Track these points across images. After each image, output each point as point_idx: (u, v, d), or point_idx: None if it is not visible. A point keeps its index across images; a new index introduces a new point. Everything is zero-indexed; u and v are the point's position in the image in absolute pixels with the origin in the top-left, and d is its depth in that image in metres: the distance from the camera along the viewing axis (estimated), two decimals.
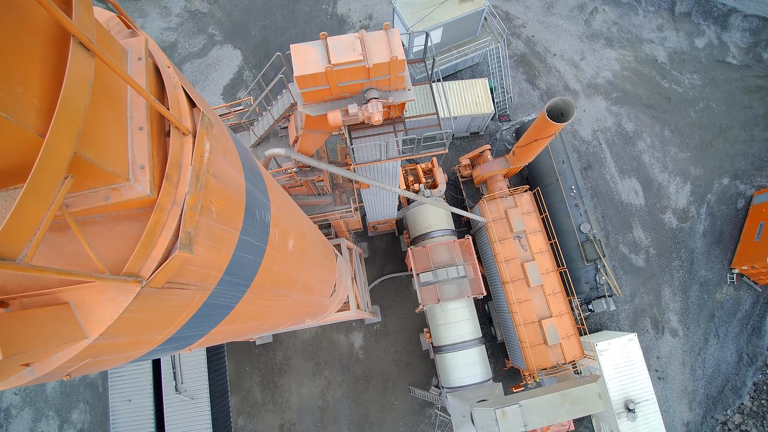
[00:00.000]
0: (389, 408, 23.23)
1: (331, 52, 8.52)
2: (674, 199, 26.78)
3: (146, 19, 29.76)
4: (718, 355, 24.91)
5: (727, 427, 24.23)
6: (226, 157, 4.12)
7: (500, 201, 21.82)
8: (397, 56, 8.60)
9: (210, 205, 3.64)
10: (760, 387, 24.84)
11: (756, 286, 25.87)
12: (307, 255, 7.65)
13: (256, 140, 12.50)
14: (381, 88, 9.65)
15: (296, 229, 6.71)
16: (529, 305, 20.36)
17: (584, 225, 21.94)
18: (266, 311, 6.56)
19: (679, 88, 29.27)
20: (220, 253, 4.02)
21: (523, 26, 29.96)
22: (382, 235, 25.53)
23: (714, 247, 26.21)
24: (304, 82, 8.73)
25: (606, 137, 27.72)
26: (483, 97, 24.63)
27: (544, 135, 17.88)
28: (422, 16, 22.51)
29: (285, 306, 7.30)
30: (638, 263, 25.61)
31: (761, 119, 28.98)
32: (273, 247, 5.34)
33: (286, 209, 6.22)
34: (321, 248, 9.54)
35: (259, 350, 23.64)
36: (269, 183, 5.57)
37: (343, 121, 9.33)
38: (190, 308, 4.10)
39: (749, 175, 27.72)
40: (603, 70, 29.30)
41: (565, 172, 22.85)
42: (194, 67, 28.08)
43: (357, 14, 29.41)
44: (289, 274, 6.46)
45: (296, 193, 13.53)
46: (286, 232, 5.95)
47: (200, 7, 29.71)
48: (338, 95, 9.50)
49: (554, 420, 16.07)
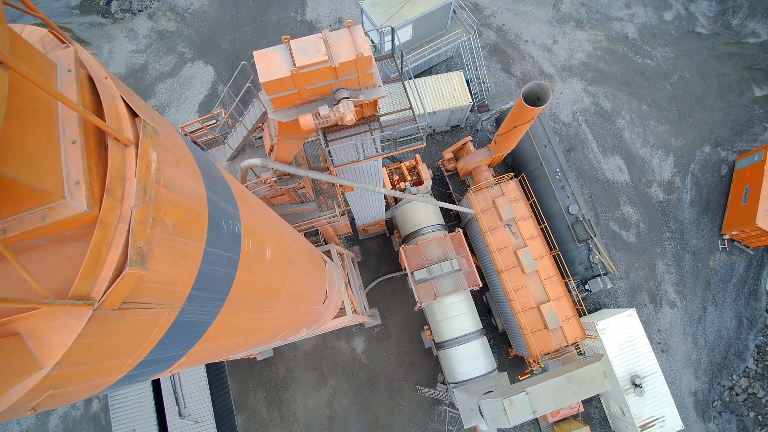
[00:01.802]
0: (398, 410, 23.03)
1: (295, 55, 8.37)
2: (658, 172, 26.95)
3: (114, 43, 29.42)
4: (718, 322, 25.04)
5: (735, 392, 24.34)
6: (181, 166, 3.94)
7: (487, 191, 21.78)
8: (363, 53, 8.47)
9: (164, 217, 3.46)
10: (762, 349, 25.00)
11: (748, 249, 26.08)
12: (291, 263, 7.47)
13: (232, 153, 12.30)
14: (351, 87, 9.51)
15: (274, 238, 6.53)
16: (526, 292, 20.31)
17: (572, 206, 21.97)
18: (252, 324, 6.37)
19: (652, 63, 29.52)
20: (184, 267, 3.84)
21: (493, 16, 30.04)
22: (374, 238, 25.37)
23: (702, 216, 26.39)
24: (271, 87, 8.57)
25: (585, 118, 27.84)
26: (460, 90, 24.63)
27: (523, 121, 17.85)
28: (390, 14, 22.45)
29: (272, 317, 7.11)
30: (630, 239, 25.71)
31: (736, 85, 29.30)
32: (247, 257, 5.16)
33: (260, 218, 6.04)
34: (306, 255, 9.35)
35: (260, 366, 23.33)
36: (238, 192, 5.40)
37: (316, 124, 9.18)
38: (159, 328, 3.91)
39: (730, 141, 27.98)
40: (576, 51, 29.46)
41: (548, 156, 22.87)
42: (167, 87, 27.76)
43: (326, 19, 29.30)
44: (271, 284, 6.28)
45: (279, 202, 13.34)
46: (261, 241, 5.78)
47: (167, 26, 29.41)
48: (308, 98, 9.34)
49: (562, 404, 15.98)
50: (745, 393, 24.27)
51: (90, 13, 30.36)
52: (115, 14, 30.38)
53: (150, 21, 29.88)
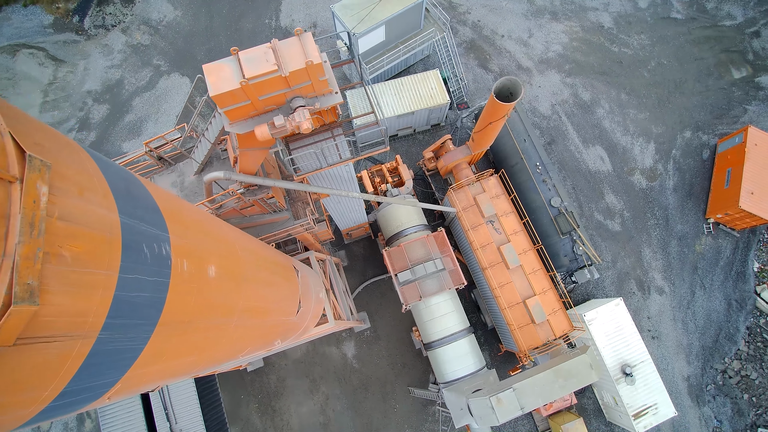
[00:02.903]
0: (391, 412, 22.95)
1: (244, 66, 8.28)
2: (640, 159, 27.00)
3: (89, 60, 29.22)
4: (708, 306, 25.10)
5: (728, 375, 24.41)
6: (87, 195, 3.85)
7: (468, 188, 21.74)
8: (312, 60, 8.39)
9: (61, 250, 3.37)
10: (753, 330, 25.06)
11: (733, 232, 26.16)
12: (246, 278, 7.37)
13: (198, 167, 12.19)
14: (307, 95, 9.43)
15: (222, 255, 6.44)
16: (511, 287, 20.28)
17: (554, 199, 21.95)
18: (202, 343, 6.27)
19: (629, 51, 29.58)
20: (92, 297, 3.75)
21: (468, 12, 30.03)
22: (359, 241, 25.29)
23: (686, 201, 26.46)
24: (223, 100, 8.47)
25: (565, 109, 27.86)
26: (437, 89, 24.59)
27: (497, 117, 17.82)
28: (362, 17, 22.37)
29: (228, 335, 7.01)
30: (615, 228, 25.74)
31: (714, 68, 29.40)
32: (181, 278, 5.07)
33: (201, 236, 5.95)
34: (269, 268, 9.26)
35: (251, 376, 23.20)
36: (171, 211, 5.30)
37: (273, 134, 9.09)
38: (72, 359, 3.82)
39: (710, 125, 28.07)
40: (552, 44, 29.48)
41: (528, 150, 22.85)
42: (144, 101, 27.58)
43: (301, 24, 29.20)
44: (218, 302, 6.18)
45: (250, 213, 13.23)
46: (202, 259, 5.68)
47: (141, 40, 29.23)
48: (263, 109, 9.26)
49: (550, 398, 15.94)
50: (738, 375, 24.34)
51: (63, 30, 30.13)
52: (88, 31, 30.17)
53: (124, 35, 29.69)
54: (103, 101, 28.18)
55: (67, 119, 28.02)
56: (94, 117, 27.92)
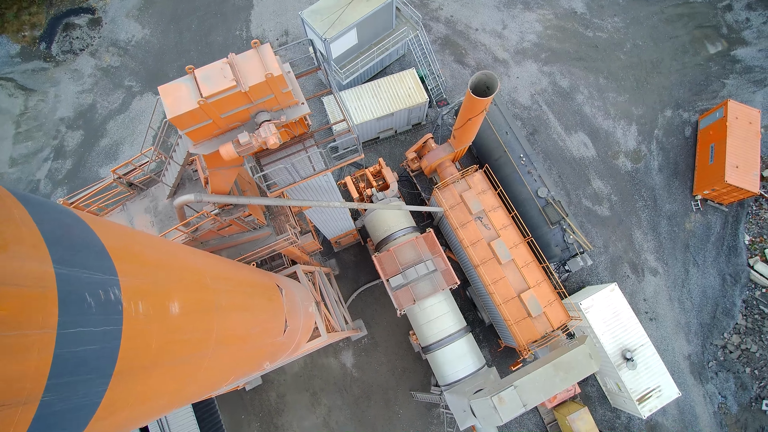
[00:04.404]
0: (396, 419, 22.64)
1: (201, 85, 7.94)
2: (623, 142, 26.95)
3: (59, 87, 28.59)
4: (702, 283, 25.07)
5: (728, 350, 24.39)
6: (12, 250, 3.50)
7: (453, 186, 21.49)
8: (273, 73, 8.07)
9: None
10: (749, 303, 25.06)
11: (722, 207, 26.17)
12: (219, 307, 7.02)
13: (170, 190, 11.79)
14: (271, 109, 9.10)
15: (187, 287, 6.09)
16: (505, 282, 20.05)
17: (541, 189, 21.78)
18: (172, 384, 5.91)
19: (603, 35, 29.53)
20: (27, 361, 3.40)
21: (440, 8, 29.81)
22: (348, 248, 24.95)
23: (672, 180, 26.44)
24: (182, 122, 8.11)
25: (545, 98, 27.73)
26: (414, 88, 24.33)
27: (476, 112, 17.59)
28: (332, 21, 22.05)
29: (203, 369, 6.66)
30: (604, 213, 25.65)
31: (689, 45, 29.43)
32: (136, 322, 4.72)
33: (160, 271, 5.60)
34: (247, 291, 8.90)
35: (250, 395, 22.76)
36: (120, 250, 4.94)
37: (239, 153, 8.74)
38: (14, 426, 3.48)
39: (690, 102, 28.09)
40: (527, 33, 29.36)
41: (510, 142, 22.66)
42: (118, 124, 27.03)
43: (272, 33, 28.81)
44: (186, 338, 5.83)
45: (229, 233, 12.85)
46: (161, 297, 5.33)
47: (111, 62, 28.66)
48: (227, 126, 8.91)
49: (552, 393, 15.73)
50: (738, 350, 24.33)
51: (31, 59, 29.47)
52: (57, 57, 29.54)
53: (93, 59, 29.10)
54: (77, 127, 27.58)
55: (41, 149, 27.38)
56: (68, 144, 27.31)
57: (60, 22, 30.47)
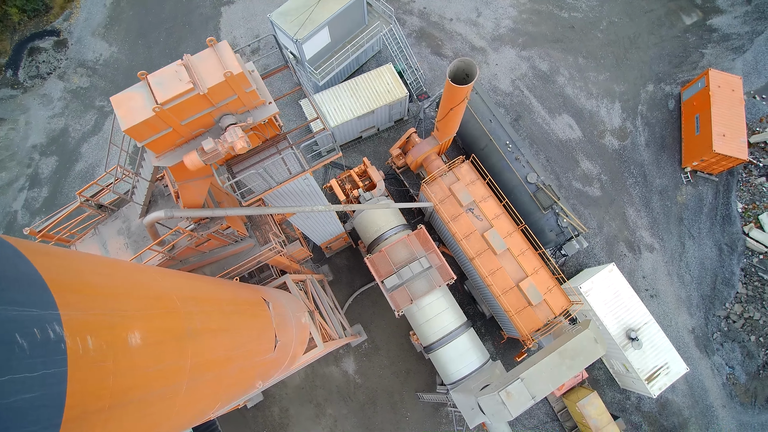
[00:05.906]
0: (404, 422, 22.09)
1: (155, 91, 7.34)
2: (608, 121, 26.64)
3: (29, 114, 27.67)
4: (699, 254, 24.83)
5: (731, 320, 24.16)
6: None
7: (441, 179, 21.00)
8: (232, 71, 7.49)
9: None
10: (748, 270, 24.85)
11: (712, 176, 25.97)
12: (193, 331, 6.42)
13: (142, 209, 11.13)
14: (237, 111, 8.51)
15: (150, 314, 5.50)
16: (502, 273, 19.59)
17: (530, 175, 21.35)
18: (141, 423, 5.30)
19: (579, 15, 29.23)
20: None
21: (412, 1, 29.32)
22: (340, 252, 24.36)
23: (660, 154, 26.18)
24: (139, 133, 7.51)
25: (526, 83, 27.35)
26: (393, 83, 23.82)
27: (457, 102, 17.08)
28: (302, 21, 21.45)
29: (181, 400, 6.05)
30: (595, 194, 25.31)
31: (665, 18, 29.23)
32: (85, 361, 4.11)
33: (115, 299, 5.00)
34: (226, 309, 8.29)
35: (253, 413, 22.09)
36: (62, 280, 4.33)
37: (205, 161, 8.13)
38: None
39: (671, 75, 27.88)
40: (502, 19, 28.96)
41: (495, 130, 22.21)
42: (92, 146, 26.21)
43: (243, 39, 28.14)
44: (153, 371, 5.23)
45: (209, 248, 12.21)
46: (117, 328, 4.73)
47: (80, 83, 27.79)
48: (190, 134, 8.31)
49: (560, 382, 15.27)
50: (741, 319, 24.10)
51: None
52: (24, 83, 28.60)
53: (62, 81, 28.21)
54: (51, 153, 26.68)
55: (15, 179, 26.45)
56: (43, 171, 26.42)
57: (25, 47, 29.51)
